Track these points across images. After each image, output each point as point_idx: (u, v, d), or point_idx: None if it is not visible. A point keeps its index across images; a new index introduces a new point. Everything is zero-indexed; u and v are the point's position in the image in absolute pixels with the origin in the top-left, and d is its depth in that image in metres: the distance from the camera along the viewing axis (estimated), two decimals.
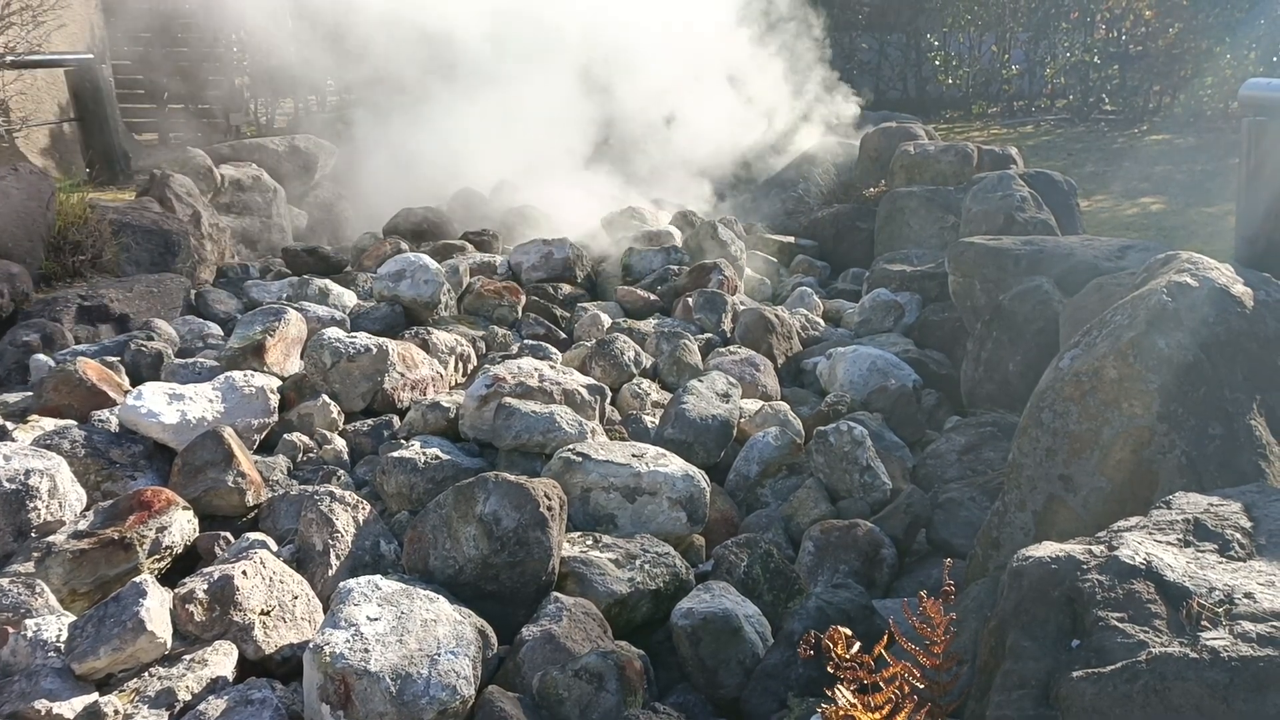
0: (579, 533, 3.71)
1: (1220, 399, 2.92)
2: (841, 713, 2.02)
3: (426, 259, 6.26)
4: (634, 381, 5.33)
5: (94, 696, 2.83)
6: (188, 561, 3.64)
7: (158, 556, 3.48)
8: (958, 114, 14.97)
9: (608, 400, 4.89)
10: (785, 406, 5.04)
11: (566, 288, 6.95)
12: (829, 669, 2.11)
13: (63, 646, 2.96)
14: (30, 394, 4.75)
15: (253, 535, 3.71)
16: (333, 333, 4.90)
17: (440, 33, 9.81)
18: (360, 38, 10.34)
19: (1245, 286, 3.16)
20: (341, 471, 4.36)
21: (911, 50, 15.93)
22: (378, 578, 3.04)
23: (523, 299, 6.51)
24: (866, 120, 11.07)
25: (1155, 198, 8.93)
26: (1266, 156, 4.96)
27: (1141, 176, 9.80)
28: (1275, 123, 4.93)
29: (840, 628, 2.16)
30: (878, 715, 2.06)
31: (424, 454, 4.22)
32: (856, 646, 2.14)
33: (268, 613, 3.15)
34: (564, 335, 6.28)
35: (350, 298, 6.48)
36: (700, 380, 4.91)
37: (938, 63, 15.16)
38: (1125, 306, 3.15)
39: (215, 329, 5.93)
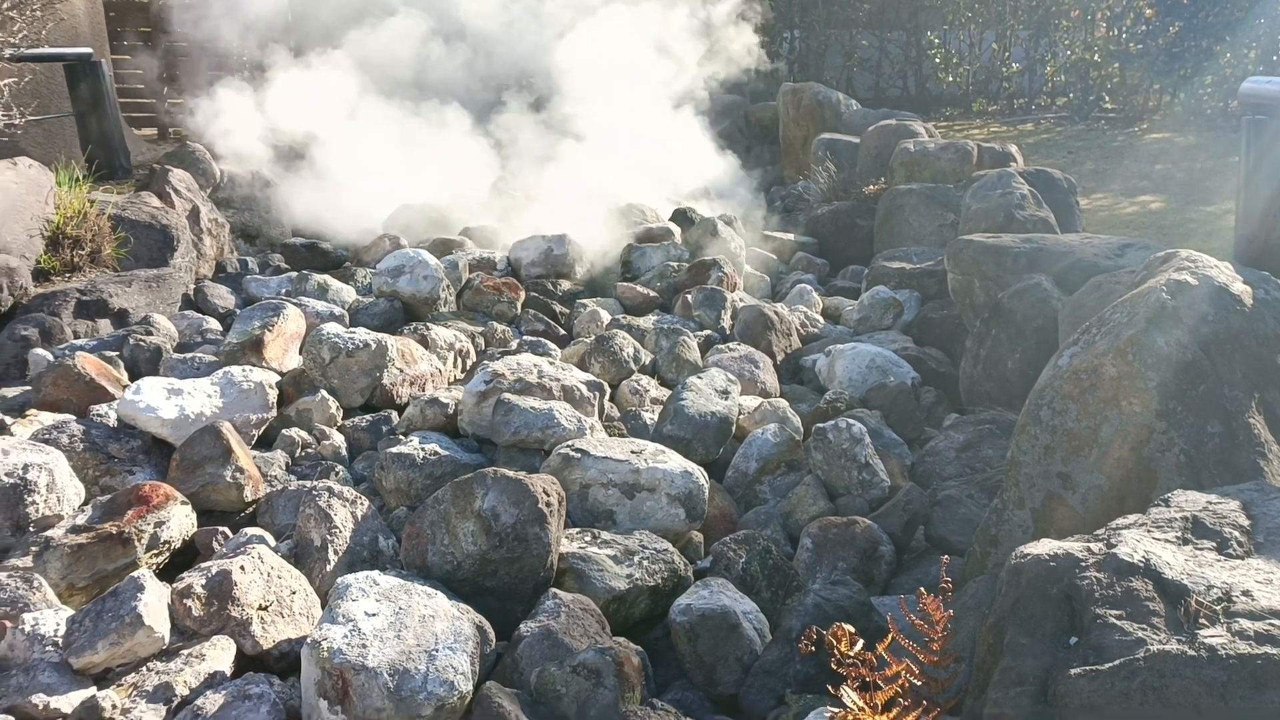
0: (577, 529, 3.71)
1: (1219, 397, 2.93)
2: (848, 715, 2.02)
3: (426, 255, 6.25)
4: (633, 378, 5.32)
5: (91, 691, 2.83)
6: (186, 556, 3.64)
7: (156, 551, 3.48)
8: (958, 112, 14.96)
9: (606, 396, 4.89)
10: (784, 403, 5.04)
11: (566, 284, 6.95)
12: (833, 666, 2.11)
13: (60, 641, 2.96)
14: (28, 388, 4.75)
15: (251, 530, 3.71)
16: (331, 328, 4.90)
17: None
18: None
19: (1244, 284, 3.17)
20: (340, 467, 4.36)
21: (912, 48, 15.90)
22: (376, 573, 3.04)
23: (522, 295, 6.51)
24: (867, 118, 11.05)
25: (1155, 196, 8.92)
26: (1265, 154, 4.97)
27: (1141, 175, 9.80)
28: (1275, 121, 4.94)
29: (844, 625, 2.16)
30: (884, 717, 2.06)
31: (422, 450, 4.22)
32: (860, 644, 2.14)
33: (265, 608, 3.15)
34: (563, 331, 6.28)
35: (349, 293, 6.48)
36: (699, 377, 4.91)
37: (938, 60, 15.14)
38: (1124, 304, 3.15)
39: (214, 324, 5.93)
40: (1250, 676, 1.83)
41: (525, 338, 5.95)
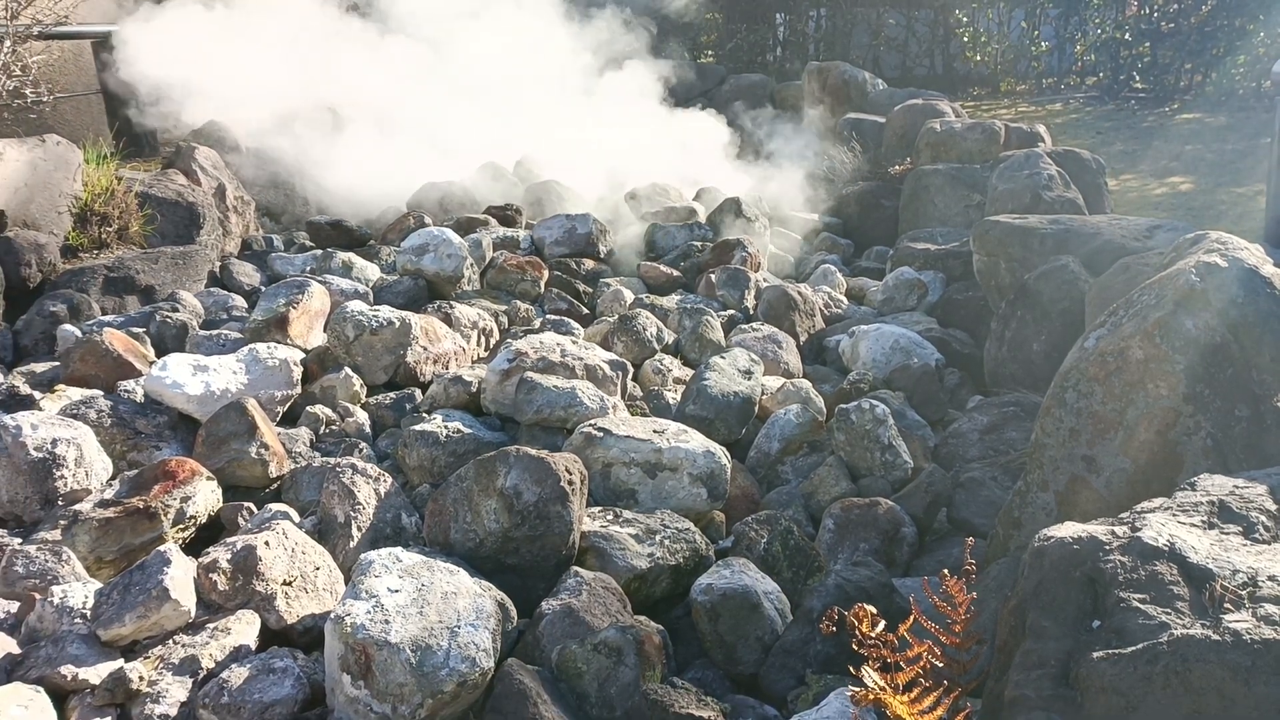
0: (599, 508, 3.72)
1: (1248, 380, 2.90)
2: (869, 695, 2.01)
3: (450, 233, 6.26)
4: (656, 357, 5.32)
5: (119, 663, 2.87)
6: (211, 532, 3.68)
7: (182, 526, 3.52)
8: (985, 91, 14.81)
9: (629, 376, 4.89)
10: (807, 384, 5.02)
11: (589, 263, 6.94)
12: (853, 647, 2.11)
13: (89, 613, 3.00)
14: (57, 364, 4.80)
15: (275, 506, 3.75)
16: (356, 306, 4.92)
17: None
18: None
19: (1275, 267, 3.13)
20: (363, 444, 4.38)
21: (939, 26, 15.73)
22: (399, 550, 3.06)
23: (545, 274, 6.51)
24: (894, 97, 10.95)
25: (1184, 177, 8.82)
26: None
27: (1171, 156, 9.69)
28: None
29: (865, 606, 2.16)
30: (905, 698, 2.05)
31: (446, 427, 4.24)
32: (881, 625, 2.14)
33: (290, 583, 3.18)
34: (586, 311, 6.28)
35: (374, 271, 6.50)
36: (722, 357, 4.90)
37: (966, 39, 14.97)
38: (1152, 286, 3.12)
39: (239, 301, 5.97)
40: (1275, 661, 1.81)
41: (548, 317, 5.96)
